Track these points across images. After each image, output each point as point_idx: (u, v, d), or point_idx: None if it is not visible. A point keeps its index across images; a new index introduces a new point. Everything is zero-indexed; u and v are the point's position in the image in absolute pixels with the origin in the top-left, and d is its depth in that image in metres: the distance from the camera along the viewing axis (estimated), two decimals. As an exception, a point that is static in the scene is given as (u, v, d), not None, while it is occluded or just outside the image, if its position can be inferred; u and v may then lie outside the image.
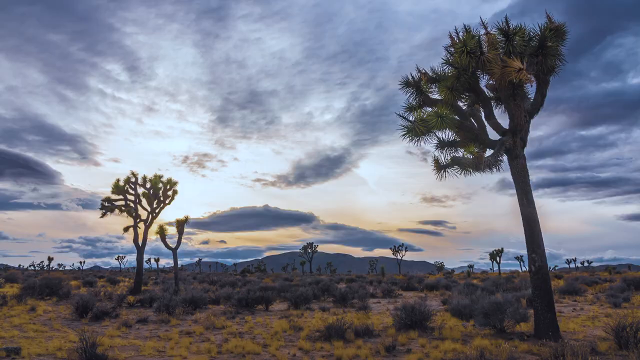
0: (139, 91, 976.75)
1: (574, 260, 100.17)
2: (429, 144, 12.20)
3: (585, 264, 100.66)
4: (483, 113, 12.46)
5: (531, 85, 11.37)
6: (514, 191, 11.87)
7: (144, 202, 31.58)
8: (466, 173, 11.60)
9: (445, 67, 12.04)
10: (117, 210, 31.32)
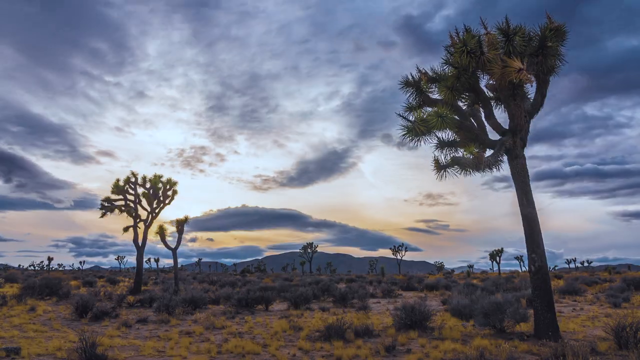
0: (131, 74, 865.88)
1: (574, 260, 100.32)
2: (428, 144, 12.22)
3: (585, 264, 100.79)
4: (483, 113, 12.46)
5: (531, 85, 11.39)
6: (502, 184, 11.89)
7: (144, 202, 31.60)
8: (466, 173, 11.60)
9: (445, 67, 12.05)
10: (116, 210, 31.32)
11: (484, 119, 12.41)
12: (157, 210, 31.52)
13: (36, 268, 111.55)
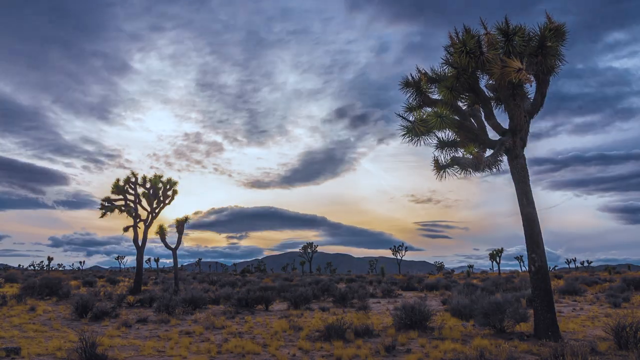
0: (111, 40, 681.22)
1: (574, 260, 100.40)
2: (428, 144, 12.22)
3: (585, 264, 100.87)
4: (483, 113, 12.46)
5: (531, 85, 11.39)
6: (488, 173, 11.78)
7: (144, 202, 31.64)
8: (466, 173, 11.61)
9: (445, 67, 12.06)
10: (116, 210, 31.34)
11: (483, 119, 12.42)
12: (157, 210, 31.56)
13: (36, 268, 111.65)
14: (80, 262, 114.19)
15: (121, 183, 31.41)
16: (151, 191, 31.53)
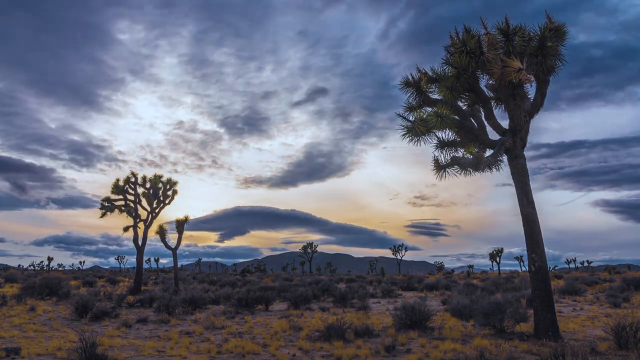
0: (92, 6, 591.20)
1: (574, 260, 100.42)
2: (428, 144, 12.22)
3: (585, 264, 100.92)
4: (483, 113, 12.47)
5: (531, 85, 11.40)
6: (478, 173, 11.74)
7: (144, 202, 31.67)
8: (466, 173, 11.61)
9: (445, 67, 12.06)
10: (116, 210, 31.35)
11: (484, 119, 12.42)
12: (157, 210, 31.58)
13: (36, 268, 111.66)
14: (81, 262, 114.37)
15: (121, 183, 31.47)
16: (151, 191, 31.55)
